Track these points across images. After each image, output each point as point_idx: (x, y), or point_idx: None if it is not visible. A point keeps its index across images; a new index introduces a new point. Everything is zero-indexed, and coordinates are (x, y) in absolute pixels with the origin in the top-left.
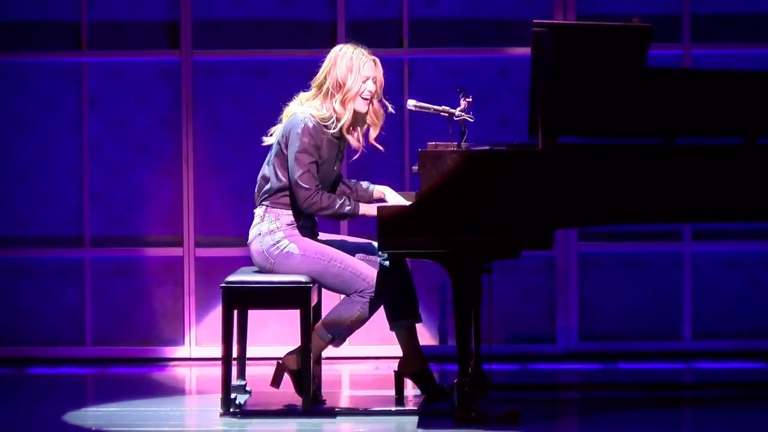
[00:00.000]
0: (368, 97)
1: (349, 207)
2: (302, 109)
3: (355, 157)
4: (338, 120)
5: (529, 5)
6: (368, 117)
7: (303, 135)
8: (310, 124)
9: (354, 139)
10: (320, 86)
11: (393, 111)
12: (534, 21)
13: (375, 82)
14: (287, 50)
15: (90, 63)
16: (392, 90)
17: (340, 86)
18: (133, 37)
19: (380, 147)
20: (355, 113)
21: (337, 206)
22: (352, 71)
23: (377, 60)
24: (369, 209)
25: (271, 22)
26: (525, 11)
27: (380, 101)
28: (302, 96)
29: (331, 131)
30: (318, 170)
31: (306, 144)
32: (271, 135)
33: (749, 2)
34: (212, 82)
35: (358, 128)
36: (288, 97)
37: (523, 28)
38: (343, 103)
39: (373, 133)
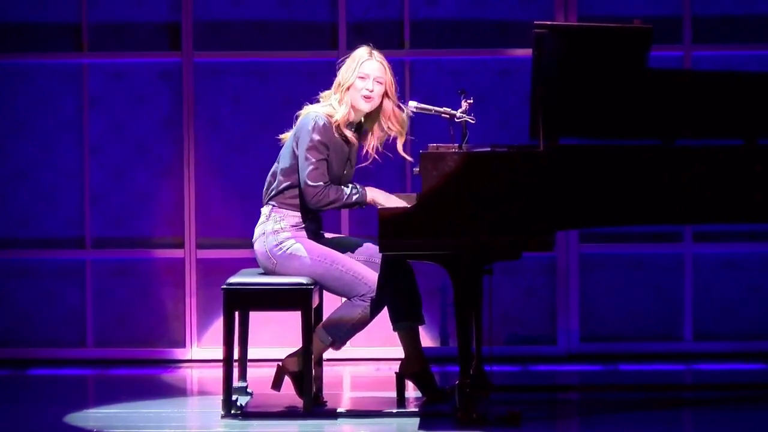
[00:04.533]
0: (367, 94)
1: (357, 195)
2: (315, 108)
3: (365, 164)
4: (332, 116)
5: (529, 6)
6: (385, 123)
7: (313, 132)
8: (321, 122)
9: (352, 136)
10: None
11: (412, 114)
12: (535, 22)
13: (380, 83)
14: (288, 52)
15: (90, 64)
16: None
17: (338, 82)
18: (133, 39)
19: (408, 158)
20: (357, 113)
21: (345, 197)
22: (348, 67)
23: (385, 62)
24: (377, 194)
25: (271, 24)
26: (526, 12)
27: (399, 107)
28: (322, 94)
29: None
30: (328, 169)
31: (316, 141)
32: (287, 133)
33: (750, 3)
34: (213, 83)
35: (370, 134)
36: (289, 99)
37: (524, 29)
38: (340, 97)
39: (399, 142)
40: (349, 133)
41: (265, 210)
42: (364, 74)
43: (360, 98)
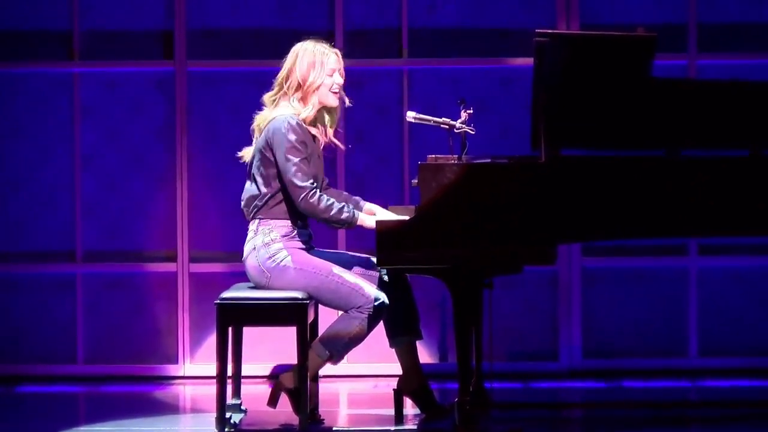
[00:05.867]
0: (337, 90)
1: (347, 214)
2: (278, 112)
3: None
4: (298, 116)
5: (531, 14)
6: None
7: (289, 133)
8: (294, 122)
9: (321, 135)
10: (281, 84)
11: (351, 104)
12: (536, 30)
13: (342, 75)
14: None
15: (82, 73)
16: (392, 101)
17: (300, 83)
18: (126, 47)
19: (340, 145)
20: (326, 108)
21: (334, 211)
22: (314, 66)
23: (338, 52)
24: (367, 220)
25: (267, 32)
26: (527, 20)
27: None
28: (265, 97)
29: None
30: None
31: (294, 141)
32: (245, 151)
33: (756, 12)
34: (208, 92)
35: (326, 125)
36: None
37: (526, 37)
38: (303, 98)
39: (330, 130)
40: (314, 131)
41: (252, 226)
42: (331, 70)
43: (330, 95)
